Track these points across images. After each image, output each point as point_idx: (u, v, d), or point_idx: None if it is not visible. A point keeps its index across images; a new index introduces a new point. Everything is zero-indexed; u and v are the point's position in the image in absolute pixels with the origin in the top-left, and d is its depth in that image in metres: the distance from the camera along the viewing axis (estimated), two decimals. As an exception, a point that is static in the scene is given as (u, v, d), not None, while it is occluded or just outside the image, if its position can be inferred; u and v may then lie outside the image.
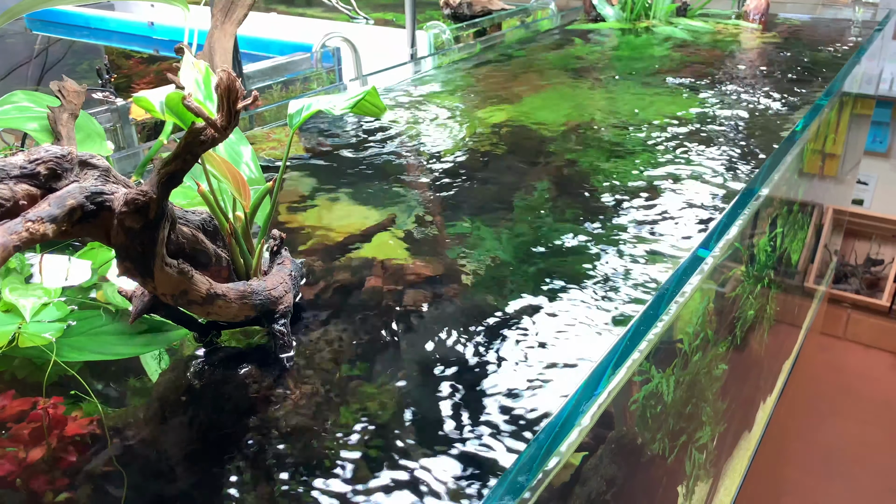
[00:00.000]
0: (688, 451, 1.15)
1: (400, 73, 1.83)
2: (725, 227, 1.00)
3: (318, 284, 0.86)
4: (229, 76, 0.56)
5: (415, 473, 0.59)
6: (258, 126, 1.44)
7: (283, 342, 0.73)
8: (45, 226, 0.52)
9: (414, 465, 0.60)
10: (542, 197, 1.12)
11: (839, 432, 2.06)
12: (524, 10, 2.58)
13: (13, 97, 0.93)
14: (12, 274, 0.82)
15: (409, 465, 0.60)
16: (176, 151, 0.56)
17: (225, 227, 0.71)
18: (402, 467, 0.60)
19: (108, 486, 0.58)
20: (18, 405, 0.66)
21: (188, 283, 0.64)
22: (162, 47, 2.45)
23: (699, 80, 1.74)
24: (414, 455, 0.61)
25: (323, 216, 1.06)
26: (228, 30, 1.14)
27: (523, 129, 1.41)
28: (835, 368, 2.33)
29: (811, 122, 1.45)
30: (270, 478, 0.59)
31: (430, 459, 0.60)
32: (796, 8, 2.64)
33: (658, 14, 2.39)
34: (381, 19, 2.52)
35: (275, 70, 1.79)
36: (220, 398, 0.68)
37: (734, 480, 1.61)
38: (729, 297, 1.23)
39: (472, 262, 0.92)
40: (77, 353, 0.73)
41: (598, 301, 0.83)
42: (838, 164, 2.47)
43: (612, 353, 0.73)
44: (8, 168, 0.54)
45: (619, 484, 0.86)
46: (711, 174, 1.18)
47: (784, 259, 1.69)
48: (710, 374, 1.18)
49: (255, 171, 0.91)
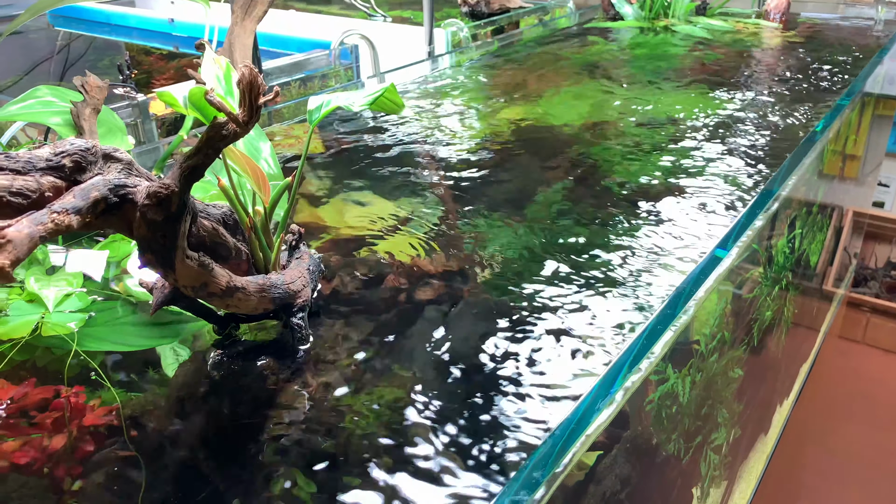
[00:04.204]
0: (703, 453, 1.14)
1: (417, 70, 1.84)
2: (743, 228, 0.99)
3: (336, 279, 0.87)
4: (251, 71, 0.56)
5: (432, 467, 0.59)
6: (276, 123, 1.45)
7: (301, 335, 0.73)
8: (70, 217, 0.53)
9: (431, 459, 0.60)
10: (559, 194, 1.11)
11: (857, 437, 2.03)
12: (542, 8, 2.58)
13: (37, 92, 0.94)
14: (35, 265, 0.83)
15: (427, 460, 0.60)
16: (198, 145, 0.57)
17: (245, 221, 0.72)
18: (420, 461, 0.60)
19: (127, 473, 0.59)
20: (40, 393, 0.67)
21: (208, 275, 0.64)
22: (182, 44, 2.47)
23: (718, 79, 1.72)
24: (431, 449, 0.61)
25: (340, 211, 1.06)
26: (248, 26, 1.15)
27: (540, 128, 1.41)
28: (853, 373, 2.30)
29: (831, 122, 1.44)
30: (289, 468, 0.59)
31: (447, 453, 0.60)
32: (818, 7, 2.62)
33: (677, 12, 2.38)
34: (399, 17, 2.52)
35: (293, 67, 1.80)
36: (239, 389, 0.68)
37: (749, 484, 1.60)
38: (746, 299, 1.22)
39: (489, 259, 0.92)
40: (98, 343, 0.74)
41: (616, 299, 0.83)
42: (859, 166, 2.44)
43: (629, 351, 0.73)
44: (34, 160, 0.55)
45: (633, 484, 0.86)
46: (730, 174, 1.18)
47: (802, 261, 1.67)
48: (726, 375, 1.18)
49: (273, 167, 0.92)
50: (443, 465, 0.59)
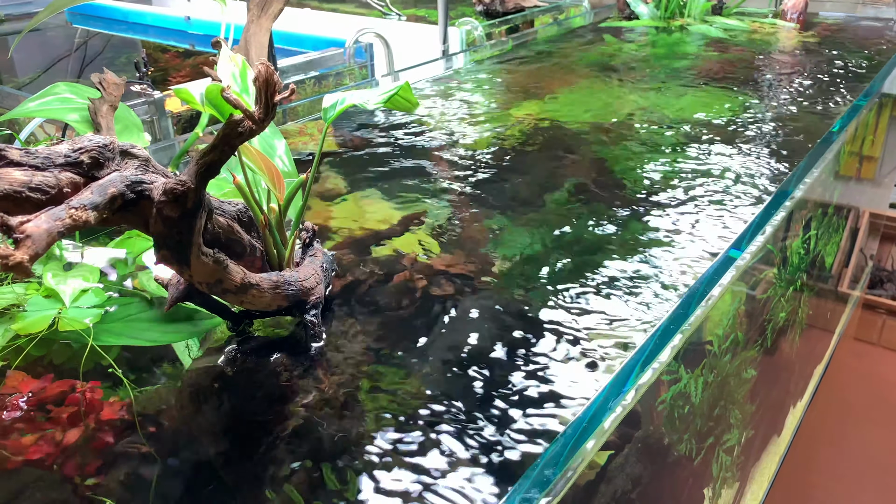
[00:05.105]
0: (715, 454, 1.14)
1: (431, 69, 1.84)
2: (758, 228, 0.99)
3: (348, 276, 0.87)
4: (268, 69, 0.57)
5: (444, 463, 0.59)
6: (291, 120, 1.46)
7: (314, 332, 0.74)
8: (88, 213, 0.53)
9: (444, 456, 0.60)
10: (572, 194, 1.11)
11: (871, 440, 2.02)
12: (557, 8, 2.57)
13: (55, 89, 0.95)
14: (53, 260, 0.84)
15: (440, 456, 0.60)
16: (214, 142, 0.58)
17: (259, 219, 0.72)
18: (432, 457, 0.60)
19: (141, 467, 0.60)
20: (58, 387, 0.68)
21: (223, 272, 0.65)
22: (197, 42, 2.49)
23: (733, 79, 1.71)
24: (443, 445, 0.61)
25: (353, 209, 1.07)
26: (264, 24, 1.16)
27: (554, 127, 1.41)
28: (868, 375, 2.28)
29: (848, 123, 1.42)
30: (302, 463, 0.60)
31: (460, 450, 0.61)
32: (836, 6, 2.59)
33: (693, 12, 2.37)
34: (414, 15, 2.52)
35: (308, 65, 1.81)
36: (253, 385, 0.69)
37: (761, 485, 1.59)
38: (760, 300, 1.21)
39: (501, 257, 0.92)
40: (113, 338, 0.74)
41: (628, 298, 0.83)
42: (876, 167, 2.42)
43: (641, 351, 0.72)
44: (53, 156, 0.55)
45: (644, 483, 0.86)
46: (744, 174, 1.17)
47: (818, 262, 1.66)
48: (739, 376, 1.17)
49: (288, 165, 0.92)
50: (456, 460, 0.60)
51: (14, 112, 0.94)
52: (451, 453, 0.61)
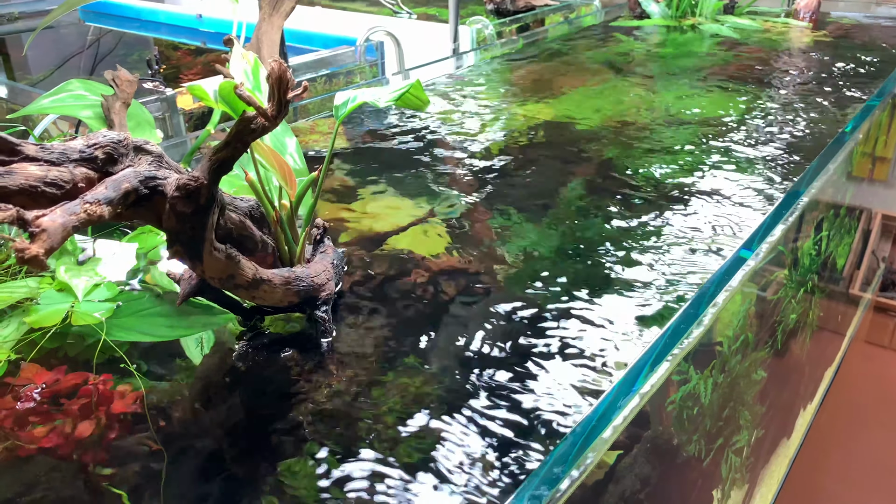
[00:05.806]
0: (724, 455, 1.14)
1: (442, 67, 1.84)
2: (769, 229, 0.98)
3: (359, 273, 0.88)
4: (280, 66, 0.57)
5: (453, 459, 0.60)
6: (302, 118, 1.46)
7: (325, 328, 0.74)
8: (102, 208, 0.54)
9: (453, 451, 0.60)
10: (583, 192, 1.11)
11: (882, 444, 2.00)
12: (568, 6, 2.56)
13: (69, 86, 0.96)
14: (66, 255, 0.85)
15: (450, 452, 0.60)
16: (227, 139, 0.58)
17: (271, 215, 0.73)
18: (441, 452, 0.60)
19: (150, 459, 0.60)
20: (71, 380, 0.69)
21: (235, 267, 0.65)
22: (209, 40, 2.50)
23: (745, 79, 1.71)
24: (453, 441, 0.61)
25: (364, 207, 1.07)
26: (276, 22, 1.16)
27: (564, 126, 1.41)
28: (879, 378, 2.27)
29: (861, 123, 1.41)
30: (312, 458, 0.60)
31: (468, 446, 0.61)
32: (849, 6, 2.58)
33: (704, 11, 2.36)
34: (425, 14, 2.53)
35: (319, 63, 1.81)
36: (263, 380, 0.69)
37: (771, 488, 1.59)
38: (771, 301, 1.21)
39: (510, 256, 0.92)
40: (125, 332, 0.75)
41: (640, 297, 0.83)
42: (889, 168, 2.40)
43: (651, 350, 0.72)
44: (68, 152, 0.56)
45: (653, 484, 0.85)
46: (754, 175, 1.17)
47: (829, 264, 1.65)
48: (749, 377, 1.17)
49: (299, 162, 0.93)
50: (465, 456, 0.60)
51: (28, 108, 0.95)
52: (464, 446, 0.61)
